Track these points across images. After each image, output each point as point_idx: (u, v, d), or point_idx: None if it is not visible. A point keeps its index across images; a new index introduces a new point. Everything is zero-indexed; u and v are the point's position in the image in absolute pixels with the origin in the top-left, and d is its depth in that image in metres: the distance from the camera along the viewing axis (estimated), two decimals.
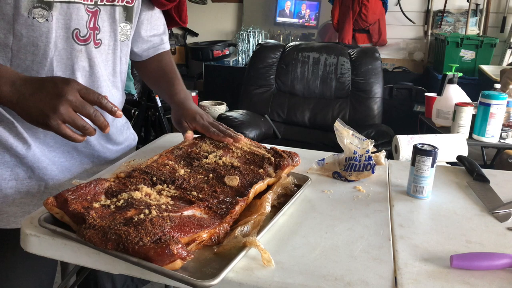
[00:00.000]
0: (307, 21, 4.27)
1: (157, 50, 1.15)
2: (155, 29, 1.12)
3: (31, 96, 0.70)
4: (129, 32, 1.00)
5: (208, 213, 0.72)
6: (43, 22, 0.81)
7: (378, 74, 2.86)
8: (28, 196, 0.91)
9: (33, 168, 0.90)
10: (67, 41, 0.86)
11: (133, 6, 0.98)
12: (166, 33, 1.17)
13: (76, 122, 0.71)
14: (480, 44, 3.38)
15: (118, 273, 0.65)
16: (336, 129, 1.00)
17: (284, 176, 0.88)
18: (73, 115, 0.70)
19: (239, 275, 0.61)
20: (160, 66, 1.15)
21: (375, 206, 0.84)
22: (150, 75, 1.18)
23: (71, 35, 0.86)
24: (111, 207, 0.69)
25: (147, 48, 1.13)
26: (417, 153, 0.87)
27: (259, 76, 3.00)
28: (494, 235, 0.75)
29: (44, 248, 0.69)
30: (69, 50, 0.87)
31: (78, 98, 0.70)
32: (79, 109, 0.70)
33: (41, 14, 0.81)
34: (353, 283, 0.60)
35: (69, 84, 0.70)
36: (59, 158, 0.95)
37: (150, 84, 1.22)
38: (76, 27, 0.86)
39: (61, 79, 0.72)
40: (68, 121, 0.70)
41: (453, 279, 0.62)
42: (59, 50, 0.85)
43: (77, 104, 0.70)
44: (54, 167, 0.93)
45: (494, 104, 1.92)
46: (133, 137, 1.18)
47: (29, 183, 0.91)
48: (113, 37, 0.95)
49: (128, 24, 0.98)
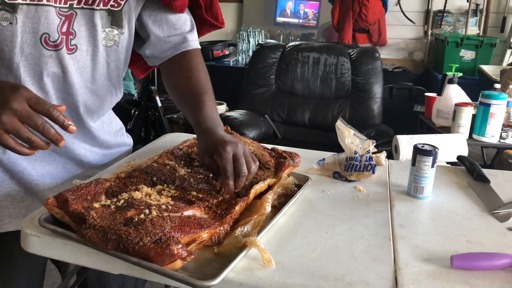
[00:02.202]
0: (307, 21, 4.27)
1: (177, 50, 0.99)
2: (175, 28, 0.99)
3: None
4: (118, 37, 0.92)
5: (208, 213, 0.72)
6: (7, 25, 0.76)
7: (378, 74, 2.86)
8: (8, 199, 0.89)
9: (10, 171, 0.88)
10: (35, 45, 0.80)
11: (121, 10, 0.90)
12: (192, 31, 1.02)
13: (21, 133, 0.64)
14: (480, 44, 3.38)
15: (118, 273, 0.65)
16: (337, 128, 1.00)
17: (285, 176, 0.88)
18: (17, 126, 0.64)
19: (239, 275, 0.61)
20: (185, 79, 0.97)
21: (376, 206, 0.84)
22: (172, 88, 1.00)
23: (39, 40, 0.80)
24: (111, 207, 0.69)
25: (165, 49, 0.99)
26: (417, 153, 0.87)
27: (259, 76, 3.00)
28: (494, 235, 0.75)
29: (45, 248, 0.69)
30: (37, 56, 0.81)
31: (25, 107, 0.64)
32: (25, 119, 0.64)
33: (4, 17, 0.76)
34: (353, 283, 0.60)
35: (17, 92, 0.64)
36: (40, 162, 0.91)
37: (174, 100, 1.01)
38: (45, 32, 0.80)
39: (10, 85, 0.65)
40: (11, 131, 0.64)
41: (453, 279, 0.62)
42: (26, 55, 0.80)
43: (22, 113, 0.64)
44: (33, 171, 0.90)
45: (494, 104, 1.92)
46: (128, 142, 1.13)
47: (8, 186, 0.89)
48: (92, 43, 0.88)
49: (115, 29, 0.90)
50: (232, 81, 3.68)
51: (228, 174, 0.76)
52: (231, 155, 0.78)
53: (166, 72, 1.01)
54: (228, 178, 0.76)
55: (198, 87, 0.95)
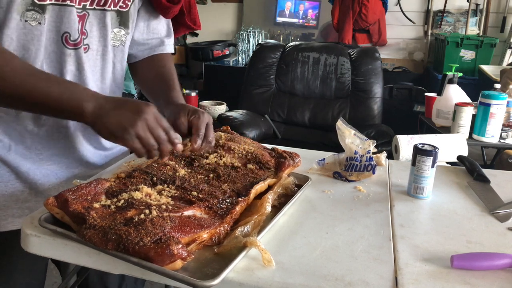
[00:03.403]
0: (307, 21, 4.27)
1: (154, 51, 1.08)
2: (154, 32, 1.07)
3: (113, 111, 0.74)
4: (124, 37, 0.97)
5: (208, 213, 0.72)
6: (36, 25, 0.80)
7: (378, 74, 2.86)
8: (12, 198, 0.90)
9: (16, 171, 0.89)
10: (57, 44, 0.85)
11: (128, 11, 0.95)
12: (169, 36, 1.11)
13: (149, 139, 0.74)
14: (480, 44, 3.38)
15: (118, 273, 0.65)
16: (338, 128, 1.00)
17: (285, 176, 0.88)
18: (147, 132, 0.74)
19: (239, 275, 0.61)
20: (157, 71, 1.06)
21: (376, 206, 0.84)
22: (145, 78, 1.09)
23: (61, 39, 0.84)
24: (111, 207, 0.69)
25: (142, 49, 1.08)
26: (417, 153, 0.87)
27: (259, 76, 3.00)
28: (494, 235, 0.76)
29: (45, 248, 0.69)
30: (58, 54, 0.85)
31: (154, 120, 0.75)
32: (153, 129, 0.74)
33: (33, 17, 0.79)
34: (353, 283, 0.60)
35: (149, 106, 0.75)
36: (45, 161, 0.92)
37: (144, 88, 1.11)
38: (66, 31, 0.84)
39: (143, 102, 0.76)
40: (142, 136, 0.73)
41: (453, 279, 0.62)
42: (49, 53, 0.84)
43: (152, 124, 0.74)
44: (37, 171, 0.91)
45: (494, 104, 1.92)
46: None
47: (13, 186, 0.90)
48: (103, 43, 0.92)
49: (122, 30, 0.95)
50: (232, 81, 3.68)
51: (201, 134, 0.84)
52: (207, 121, 0.87)
53: (140, 67, 1.09)
54: (199, 137, 0.84)
55: (170, 75, 1.04)
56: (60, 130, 0.91)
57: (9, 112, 0.85)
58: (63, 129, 0.91)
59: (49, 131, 0.90)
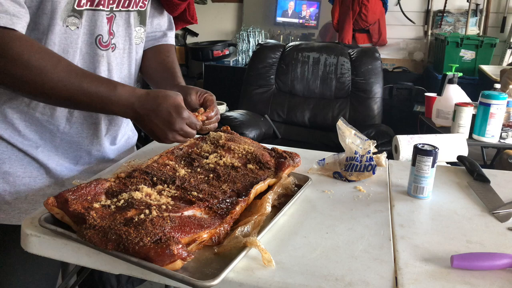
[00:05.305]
0: (307, 21, 4.26)
1: (158, 42, 1.14)
2: (157, 27, 1.13)
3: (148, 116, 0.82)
4: (143, 35, 1.04)
5: (208, 213, 0.72)
6: (75, 29, 0.86)
7: (378, 74, 2.86)
8: (40, 193, 0.94)
9: (45, 167, 0.93)
10: (91, 46, 0.90)
11: (146, 9, 1.02)
12: (171, 29, 1.17)
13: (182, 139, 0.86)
14: (480, 44, 3.38)
15: (118, 273, 0.65)
16: (338, 128, 1.00)
17: (285, 176, 0.88)
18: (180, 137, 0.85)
19: (239, 275, 0.61)
20: (162, 59, 1.11)
21: (376, 206, 0.84)
22: (149, 66, 1.13)
23: (95, 41, 0.90)
24: (111, 207, 0.69)
25: (146, 41, 1.12)
26: (417, 153, 0.87)
27: (259, 76, 3.00)
28: (494, 235, 0.76)
29: (45, 248, 0.69)
30: (92, 55, 0.91)
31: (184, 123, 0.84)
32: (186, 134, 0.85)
33: (73, 22, 0.85)
34: (353, 283, 0.60)
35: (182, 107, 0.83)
36: (71, 159, 0.97)
37: (147, 76, 1.15)
38: (99, 33, 0.90)
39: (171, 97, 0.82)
40: (177, 139, 0.85)
41: (453, 279, 0.62)
42: (83, 54, 0.90)
43: (190, 120, 0.84)
44: (63, 167, 0.96)
45: (494, 104, 1.92)
46: (132, 134, 1.17)
47: (41, 181, 0.94)
48: (128, 41, 0.98)
49: (142, 28, 1.03)
50: (232, 81, 3.68)
51: (215, 104, 0.95)
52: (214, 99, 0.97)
53: (144, 58, 1.12)
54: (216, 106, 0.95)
55: (174, 64, 1.10)
56: (90, 127, 0.97)
57: (45, 113, 0.90)
58: (92, 125, 0.97)
59: (78, 128, 0.95)
